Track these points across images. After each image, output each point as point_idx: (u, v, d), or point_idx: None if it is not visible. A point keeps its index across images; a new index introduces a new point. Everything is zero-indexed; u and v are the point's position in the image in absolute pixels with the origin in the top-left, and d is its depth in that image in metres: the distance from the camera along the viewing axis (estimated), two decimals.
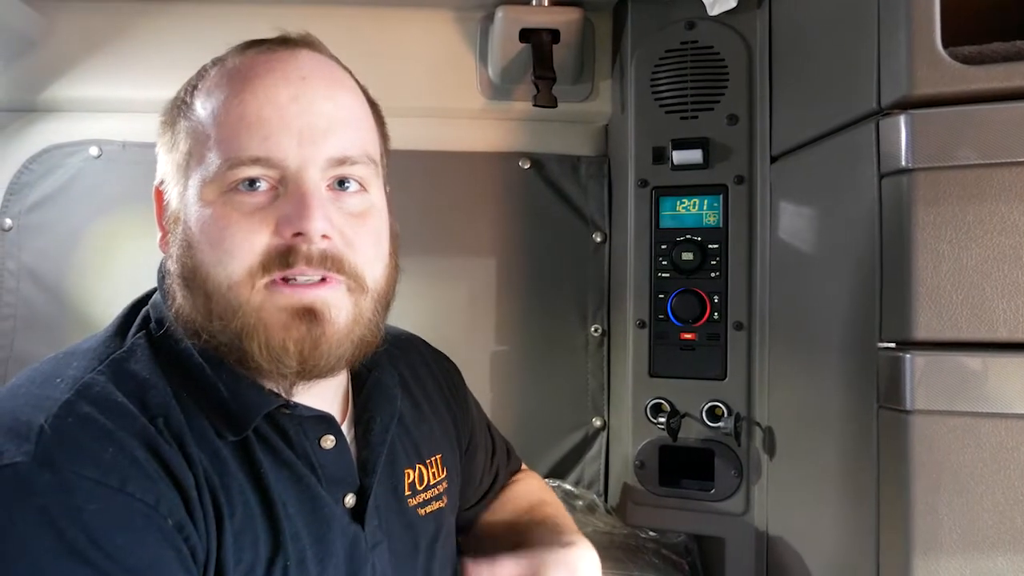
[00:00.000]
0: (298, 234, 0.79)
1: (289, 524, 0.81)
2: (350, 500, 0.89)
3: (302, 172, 0.80)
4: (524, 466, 1.35)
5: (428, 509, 0.99)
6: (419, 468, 1.00)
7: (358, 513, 0.89)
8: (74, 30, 1.62)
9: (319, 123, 0.81)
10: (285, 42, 0.87)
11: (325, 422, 0.87)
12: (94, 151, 1.65)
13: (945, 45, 0.90)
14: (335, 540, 0.85)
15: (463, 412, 1.16)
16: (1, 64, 1.59)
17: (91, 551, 0.66)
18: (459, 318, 1.69)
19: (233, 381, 0.82)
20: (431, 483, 1.01)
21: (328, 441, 0.87)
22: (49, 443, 0.68)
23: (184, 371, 0.82)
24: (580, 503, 1.58)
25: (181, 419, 0.78)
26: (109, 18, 1.62)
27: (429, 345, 1.19)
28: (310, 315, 0.80)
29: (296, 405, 0.85)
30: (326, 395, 0.91)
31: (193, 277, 0.81)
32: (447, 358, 1.21)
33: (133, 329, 0.86)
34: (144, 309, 0.88)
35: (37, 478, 0.67)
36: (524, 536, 1.07)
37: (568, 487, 1.62)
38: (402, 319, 1.21)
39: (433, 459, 1.03)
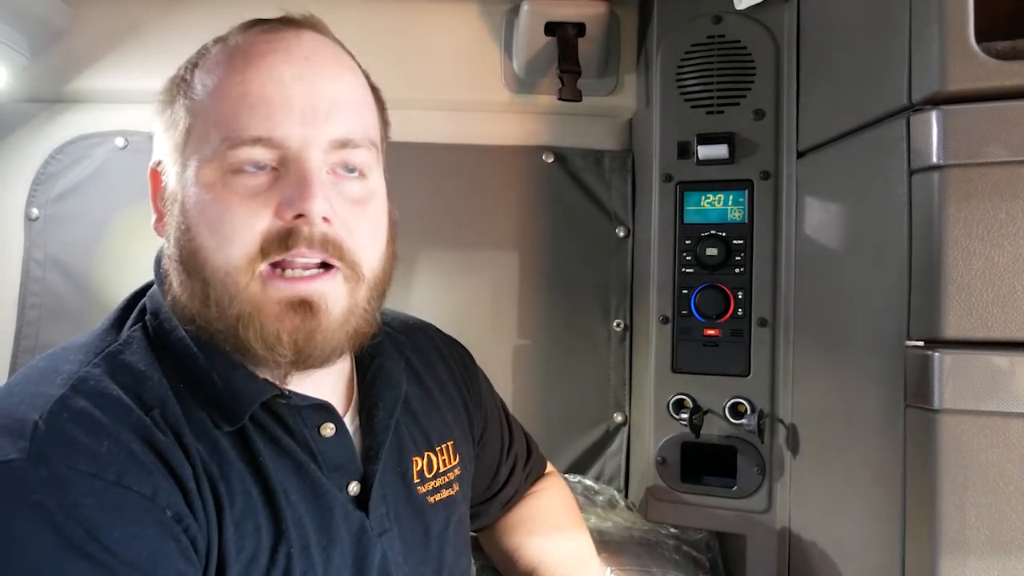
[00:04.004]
0: (299, 216, 0.78)
1: (291, 511, 0.81)
2: (354, 488, 0.88)
3: (303, 153, 0.79)
4: (550, 467, 1.34)
5: (438, 497, 0.99)
6: (428, 455, 1.00)
7: (362, 501, 0.89)
8: (102, 21, 1.63)
9: (322, 104, 0.81)
10: (289, 22, 0.86)
11: (323, 410, 0.87)
12: (120, 142, 1.66)
13: (978, 40, 0.89)
14: (339, 527, 0.85)
15: (475, 397, 1.15)
16: (29, 54, 1.60)
17: (89, 545, 0.66)
18: (481, 312, 1.69)
19: (227, 371, 0.81)
20: (441, 470, 1.01)
21: (328, 429, 0.87)
22: (43, 439, 0.69)
23: (179, 362, 0.82)
24: (601, 498, 1.58)
25: (178, 411, 0.78)
26: (137, 9, 1.63)
27: (440, 331, 1.19)
28: (305, 307, 0.79)
29: (292, 394, 0.84)
30: (325, 383, 0.91)
31: (192, 262, 0.80)
32: (459, 343, 1.20)
33: (130, 321, 0.86)
34: (142, 301, 0.88)
35: (32, 475, 0.67)
36: None
37: (589, 482, 1.62)
38: (424, 312, 1.22)
39: (444, 446, 1.02)
